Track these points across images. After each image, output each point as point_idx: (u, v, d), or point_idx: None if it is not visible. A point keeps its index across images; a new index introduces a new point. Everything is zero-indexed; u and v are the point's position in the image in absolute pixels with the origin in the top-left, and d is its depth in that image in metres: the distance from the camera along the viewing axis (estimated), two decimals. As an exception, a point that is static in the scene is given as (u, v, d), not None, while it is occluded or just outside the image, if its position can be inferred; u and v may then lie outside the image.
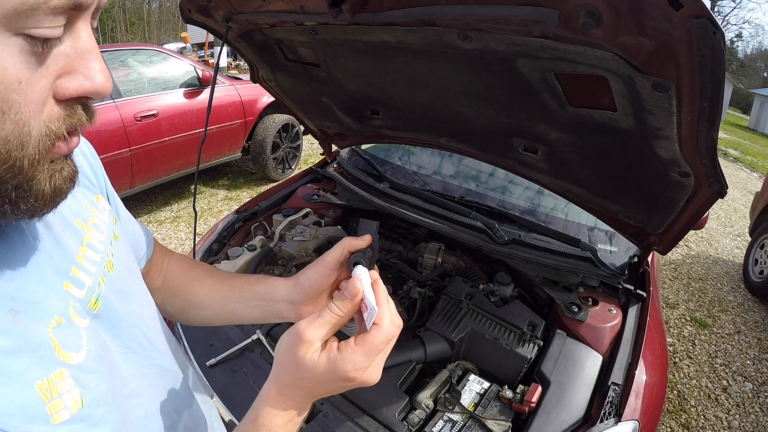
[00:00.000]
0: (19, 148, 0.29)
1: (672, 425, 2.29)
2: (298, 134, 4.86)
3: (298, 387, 0.47)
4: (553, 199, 1.79)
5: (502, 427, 1.05)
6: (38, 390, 0.34)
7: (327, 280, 0.58)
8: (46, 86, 0.30)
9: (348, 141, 1.95)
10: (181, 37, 14.80)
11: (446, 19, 0.82)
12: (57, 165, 0.34)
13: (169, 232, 3.78)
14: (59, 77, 0.31)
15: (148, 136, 3.51)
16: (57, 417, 0.34)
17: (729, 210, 6.05)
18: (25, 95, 0.28)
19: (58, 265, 0.41)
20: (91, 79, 0.32)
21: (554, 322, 1.36)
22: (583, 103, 0.93)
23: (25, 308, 0.36)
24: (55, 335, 0.37)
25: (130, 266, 0.54)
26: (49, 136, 0.31)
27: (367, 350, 0.45)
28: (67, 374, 0.36)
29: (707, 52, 0.60)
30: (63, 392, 0.35)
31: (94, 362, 0.40)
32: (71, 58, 0.31)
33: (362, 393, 1.12)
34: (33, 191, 0.32)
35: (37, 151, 0.31)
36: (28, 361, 0.34)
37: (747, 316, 3.37)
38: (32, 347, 0.35)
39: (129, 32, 28.71)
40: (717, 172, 0.87)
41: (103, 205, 0.53)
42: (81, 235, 0.45)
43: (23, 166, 0.30)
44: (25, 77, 0.28)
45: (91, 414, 0.38)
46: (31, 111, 0.29)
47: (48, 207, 0.34)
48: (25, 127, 0.29)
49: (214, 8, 1.16)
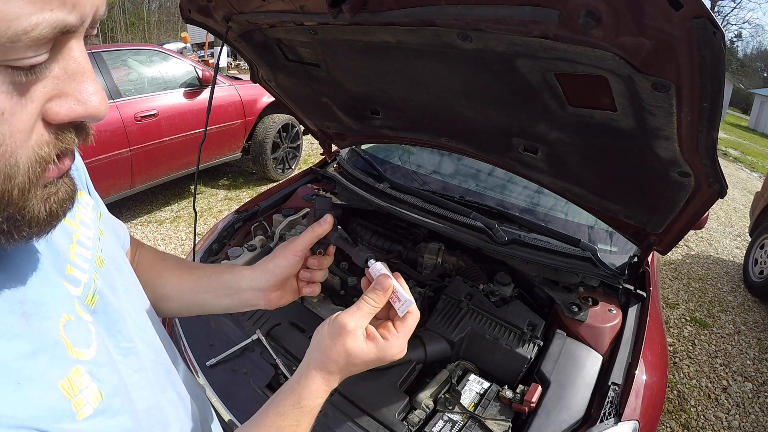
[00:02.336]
0: (7, 180, 0.28)
1: (672, 425, 2.29)
2: (298, 134, 4.87)
3: (345, 372, 0.54)
4: (553, 199, 1.79)
5: (502, 427, 1.05)
6: (62, 389, 0.34)
7: (295, 266, 0.62)
8: (33, 112, 0.28)
9: (348, 141, 1.95)
10: (181, 37, 14.80)
11: (446, 19, 0.82)
12: (51, 188, 0.33)
13: (169, 232, 3.78)
14: (49, 101, 0.29)
15: (148, 136, 3.52)
16: (82, 413, 0.35)
17: (729, 210, 6.05)
18: (10, 125, 0.27)
19: (54, 264, 0.41)
20: (84, 102, 0.31)
21: (554, 322, 1.36)
22: (583, 103, 0.93)
23: (35, 310, 0.35)
24: (65, 334, 0.37)
25: (118, 260, 0.55)
26: (39, 163, 0.30)
27: (407, 334, 0.55)
28: (83, 371, 0.37)
29: (707, 52, 0.60)
30: (83, 388, 0.36)
31: (104, 355, 0.41)
32: (61, 81, 0.30)
33: (362, 393, 1.12)
34: (26, 219, 0.31)
35: (27, 179, 0.29)
36: (47, 362, 0.34)
37: (747, 316, 3.37)
38: (48, 348, 0.35)
39: (129, 32, 28.71)
40: (717, 172, 0.87)
41: (87, 200, 0.53)
42: (70, 232, 0.45)
43: (13, 197, 0.29)
44: (8, 108, 0.27)
45: (111, 405, 0.39)
46: (17, 141, 0.28)
47: (44, 231, 0.34)
48: (11, 158, 0.28)
49: (214, 8, 1.16)
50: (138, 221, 3.95)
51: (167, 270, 0.69)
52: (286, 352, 1.24)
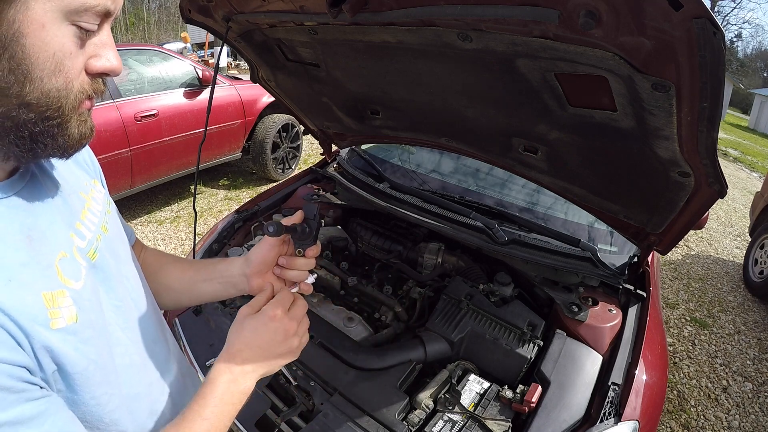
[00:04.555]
0: (65, 96, 0.43)
1: (672, 425, 2.29)
2: (298, 134, 4.86)
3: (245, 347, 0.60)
4: (553, 199, 1.79)
5: (502, 427, 1.05)
6: (44, 298, 0.43)
7: (272, 254, 0.69)
8: (83, 61, 0.44)
9: (348, 141, 1.95)
10: (181, 37, 14.80)
11: (446, 19, 0.82)
12: (83, 116, 0.47)
13: (169, 232, 3.78)
14: (90, 58, 0.45)
15: (148, 136, 3.51)
16: (55, 323, 0.44)
17: (729, 210, 6.05)
18: (72, 62, 0.43)
19: (66, 217, 0.52)
20: (110, 61, 0.46)
21: (554, 322, 1.36)
22: (583, 103, 0.93)
23: (39, 237, 0.46)
24: (59, 264, 0.47)
25: (122, 236, 0.65)
26: (82, 93, 0.45)
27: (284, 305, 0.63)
28: (67, 294, 0.46)
29: (707, 52, 0.60)
30: (62, 306, 0.45)
31: (89, 294, 0.50)
32: (98, 47, 0.45)
33: (362, 393, 1.12)
34: (68, 131, 0.45)
35: (75, 101, 0.44)
36: (38, 275, 0.44)
37: (747, 316, 3.37)
38: (42, 267, 0.45)
39: (129, 32, 28.70)
40: (717, 172, 0.87)
41: (99, 188, 0.64)
42: (83, 201, 0.58)
43: (65, 110, 0.44)
44: (74, 51, 0.42)
45: (82, 331, 0.47)
46: (74, 73, 0.43)
47: (75, 147, 0.47)
48: (70, 83, 0.43)
49: (214, 8, 1.16)
50: (138, 221, 3.95)
51: (170, 263, 0.79)
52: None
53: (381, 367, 1.19)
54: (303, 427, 1.06)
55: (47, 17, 0.39)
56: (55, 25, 0.40)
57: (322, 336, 1.29)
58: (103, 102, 3.24)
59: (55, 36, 0.40)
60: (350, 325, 1.40)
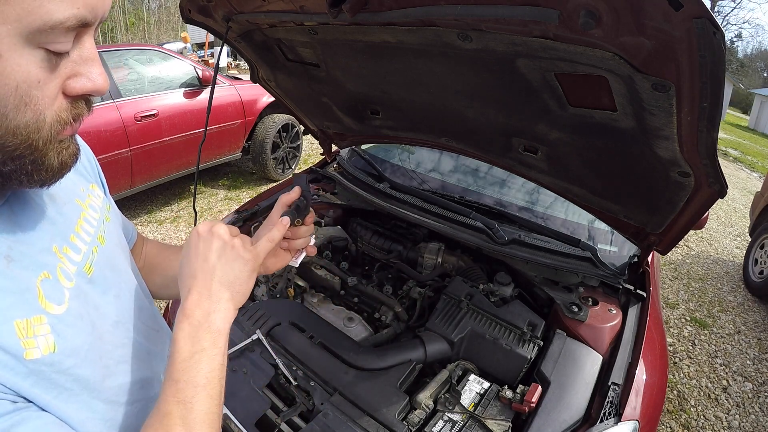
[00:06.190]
0: (36, 131, 0.38)
1: (672, 425, 2.29)
2: (298, 134, 4.86)
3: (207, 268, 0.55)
4: (553, 199, 1.79)
5: (502, 427, 1.05)
6: (16, 327, 0.39)
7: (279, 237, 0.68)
8: (57, 85, 0.38)
9: (348, 141, 1.95)
10: (181, 37, 14.80)
11: (446, 19, 0.82)
12: (64, 144, 0.42)
13: (169, 232, 3.78)
14: (68, 78, 0.39)
15: (148, 136, 3.51)
16: (30, 353, 0.39)
17: (729, 210, 6.05)
18: (42, 92, 0.37)
19: (59, 230, 0.49)
20: (93, 81, 0.40)
21: (554, 322, 1.36)
22: (583, 103, 0.93)
23: (19, 258, 0.42)
24: (41, 286, 0.43)
25: (122, 245, 0.63)
26: (59, 123, 0.40)
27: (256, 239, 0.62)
28: (45, 320, 0.42)
29: (707, 52, 0.60)
30: (38, 335, 0.41)
31: (74, 318, 0.46)
32: (77, 64, 0.39)
33: (362, 393, 1.12)
34: (45, 165, 0.40)
35: (50, 134, 0.39)
36: (13, 301, 0.40)
37: (747, 316, 3.37)
38: (19, 291, 0.41)
39: (129, 32, 28.69)
40: (717, 172, 0.87)
41: (98, 193, 0.62)
42: (79, 210, 0.55)
43: (38, 145, 0.39)
44: (42, 78, 0.36)
45: (60, 361, 0.42)
46: (45, 103, 0.38)
47: (56, 177, 0.43)
48: (41, 115, 0.38)
49: (214, 8, 1.16)
50: (138, 221, 3.95)
51: (173, 254, 0.77)
52: (286, 352, 1.24)
53: (381, 367, 1.19)
54: (303, 427, 1.06)
55: (4, 45, 0.33)
56: (15, 52, 0.34)
57: (322, 336, 1.29)
58: (103, 102, 3.24)
59: (16, 65, 0.34)
60: (350, 325, 1.40)
